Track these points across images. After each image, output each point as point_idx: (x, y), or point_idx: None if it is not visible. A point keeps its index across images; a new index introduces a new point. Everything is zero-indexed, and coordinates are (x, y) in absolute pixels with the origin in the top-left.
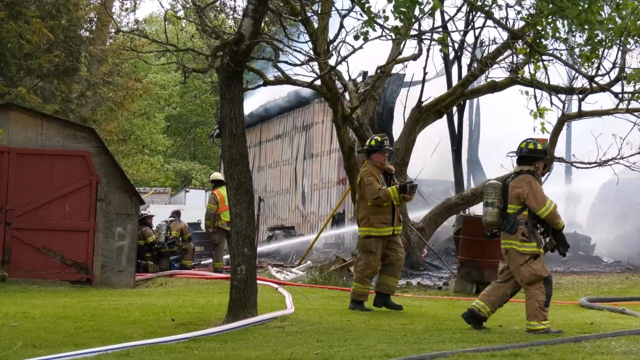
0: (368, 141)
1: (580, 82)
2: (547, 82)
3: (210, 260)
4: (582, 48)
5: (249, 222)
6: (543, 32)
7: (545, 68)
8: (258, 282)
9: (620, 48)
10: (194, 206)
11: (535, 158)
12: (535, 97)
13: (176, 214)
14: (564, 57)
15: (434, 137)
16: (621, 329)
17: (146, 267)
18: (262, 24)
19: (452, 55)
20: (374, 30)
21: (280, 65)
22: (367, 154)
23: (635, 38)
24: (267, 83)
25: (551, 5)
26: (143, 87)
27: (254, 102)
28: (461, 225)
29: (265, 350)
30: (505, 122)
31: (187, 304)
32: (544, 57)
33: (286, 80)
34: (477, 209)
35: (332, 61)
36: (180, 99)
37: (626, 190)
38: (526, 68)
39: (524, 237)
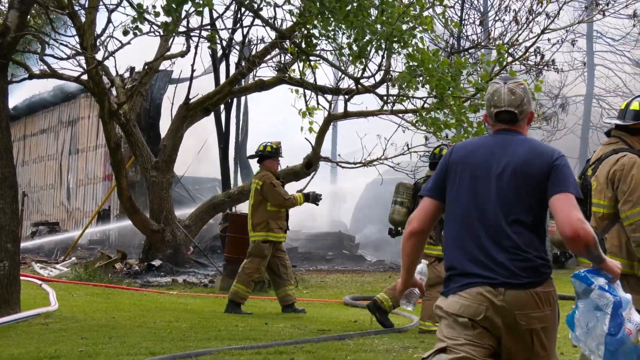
0: (262, 146)
1: (347, 83)
2: (314, 82)
3: None
4: (351, 48)
5: (12, 217)
6: (312, 32)
7: (312, 68)
8: (21, 278)
9: (386, 51)
10: None
11: None
12: (304, 97)
13: None
14: (331, 58)
15: (202, 134)
16: (384, 327)
17: None
18: (28, 16)
19: (220, 52)
20: (143, 25)
21: (46, 59)
22: (260, 159)
23: (401, 43)
24: (32, 76)
25: (318, 4)
26: None
27: (19, 95)
28: (227, 223)
29: (28, 348)
30: (274, 121)
31: None
32: (312, 57)
33: (52, 74)
34: (244, 207)
35: (99, 56)
36: None
37: (390, 190)
38: (296, 68)
39: (431, 239)
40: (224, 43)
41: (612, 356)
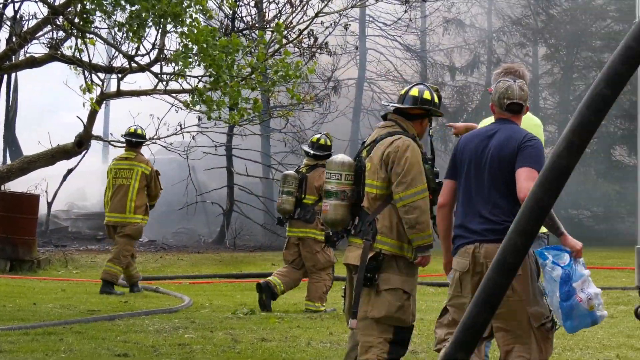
0: (140, 130)
1: (120, 62)
2: (89, 59)
3: None
4: (131, 24)
5: None
6: (88, 9)
7: (86, 45)
8: None
9: (160, 29)
10: None
11: (324, 155)
12: (84, 74)
13: None
14: (105, 35)
15: None
16: (154, 308)
17: None
18: None
19: None
20: None
21: None
22: (135, 143)
23: (175, 22)
24: None
25: None
26: None
27: None
28: None
29: None
30: (47, 99)
31: None
32: (87, 35)
33: None
34: (13, 186)
35: None
36: None
37: (162, 169)
38: (72, 44)
39: (322, 226)
40: None
41: (568, 318)
